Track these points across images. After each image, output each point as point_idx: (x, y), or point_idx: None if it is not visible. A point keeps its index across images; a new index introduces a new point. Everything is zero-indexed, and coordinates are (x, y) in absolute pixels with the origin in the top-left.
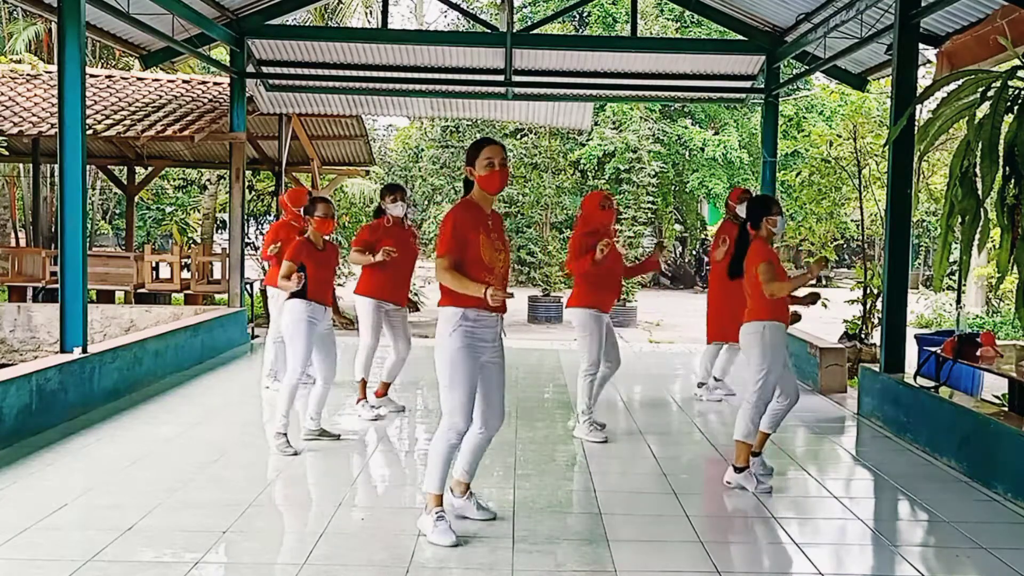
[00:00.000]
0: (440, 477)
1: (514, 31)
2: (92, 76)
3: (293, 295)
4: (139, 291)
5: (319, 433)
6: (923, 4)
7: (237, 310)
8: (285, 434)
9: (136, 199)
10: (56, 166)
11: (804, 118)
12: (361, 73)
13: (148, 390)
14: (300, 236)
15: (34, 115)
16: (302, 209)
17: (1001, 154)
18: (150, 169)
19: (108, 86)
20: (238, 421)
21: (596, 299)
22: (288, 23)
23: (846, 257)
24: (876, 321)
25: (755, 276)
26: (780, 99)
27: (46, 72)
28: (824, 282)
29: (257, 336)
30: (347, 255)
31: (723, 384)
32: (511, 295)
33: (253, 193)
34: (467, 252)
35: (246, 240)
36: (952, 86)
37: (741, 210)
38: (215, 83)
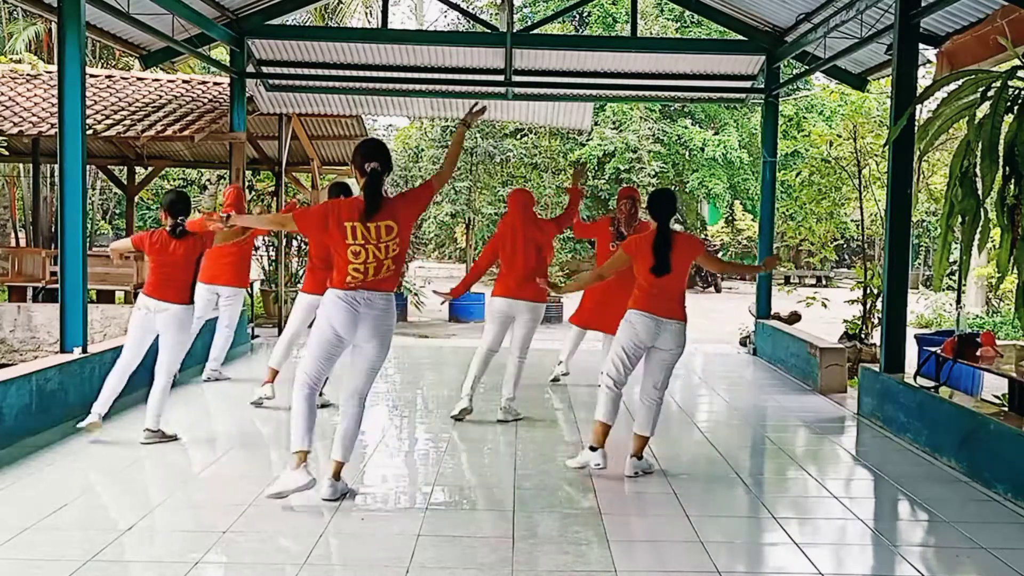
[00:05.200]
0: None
1: (514, 31)
2: (92, 76)
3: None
4: (139, 291)
5: (158, 436)
6: (923, 4)
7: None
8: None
9: (136, 199)
10: (56, 166)
11: (804, 118)
12: (361, 73)
13: (148, 390)
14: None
15: (34, 115)
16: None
17: (1001, 154)
18: (150, 169)
19: (108, 86)
20: (238, 421)
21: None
22: (288, 23)
23: (846, 257)
24: (876, 321)
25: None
26: (780, 99)
27: (46, 72)
28: (824, 282)
29: (257, 336)
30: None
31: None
32: None
33: (253, 193)
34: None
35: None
36: (952, 86)
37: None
38: (215, 83)
